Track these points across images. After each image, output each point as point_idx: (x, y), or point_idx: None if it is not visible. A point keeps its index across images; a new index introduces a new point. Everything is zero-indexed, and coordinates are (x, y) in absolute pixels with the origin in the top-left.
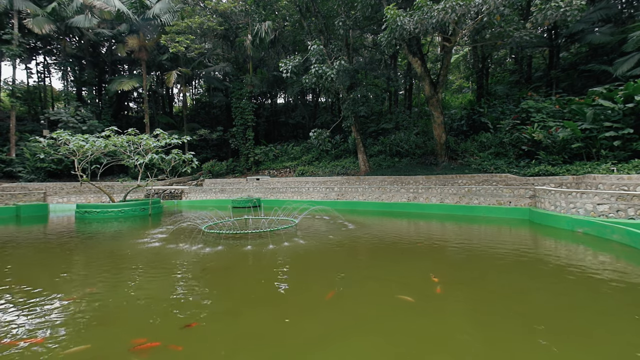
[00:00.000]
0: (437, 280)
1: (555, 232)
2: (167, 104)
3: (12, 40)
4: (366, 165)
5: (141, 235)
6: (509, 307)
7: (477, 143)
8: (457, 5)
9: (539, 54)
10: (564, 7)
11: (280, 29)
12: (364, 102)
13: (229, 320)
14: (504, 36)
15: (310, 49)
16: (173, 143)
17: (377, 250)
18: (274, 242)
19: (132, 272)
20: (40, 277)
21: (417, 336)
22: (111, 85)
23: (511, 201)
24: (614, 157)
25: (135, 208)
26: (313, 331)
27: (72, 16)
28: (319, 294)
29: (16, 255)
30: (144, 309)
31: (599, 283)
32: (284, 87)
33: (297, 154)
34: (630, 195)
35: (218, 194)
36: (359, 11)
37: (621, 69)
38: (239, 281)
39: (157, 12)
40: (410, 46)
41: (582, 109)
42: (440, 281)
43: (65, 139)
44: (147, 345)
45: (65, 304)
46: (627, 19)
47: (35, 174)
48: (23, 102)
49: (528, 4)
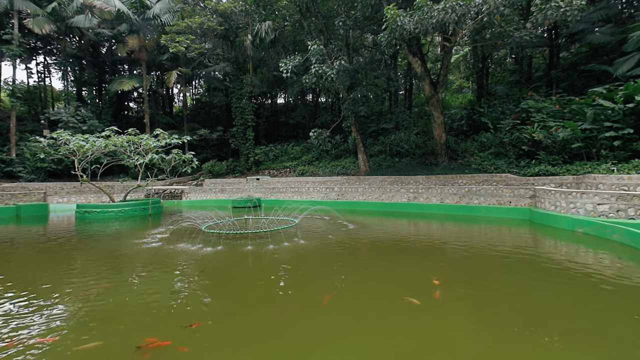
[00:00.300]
0: (437, 282)
1: (556, 232)
2: (167, 104)
3: (13, 40)
4: (366, 165)
5: (141, 235)
6: (509, 307)
7: (477, 143)
8: (457, 5)
9: (539, 54)
10: (564, 7)
11: (280, 29)
12: (364, 102)
13: (229, 321)
14: (504, 36)
15: (310, 49)
16: (173, 143)
17: (377, 250)
18: (274, 242)
19: (132, 273)
20: (42, 277)
21: (417, 336)
22: (111, 85)
23: (511, 201)
24: (614, 157)
25: (136, 208)
26: (313, 331)
27: (72, 16)
28: (318, 294)
29: (18, 254)
30: (144, 309)
31: (600, 283)
32: (284, 87)
33: (297, 154)
34: (630, 195)
35: (218, 194)
36: (359, 11)
37: (621, 69)
38: (239, 281)
39: (157, 12)
40: (410, 46)
41: (582, 109)
42: (441, 281)
43: (65, 139)
44: (156, 344)
45: (72, 302)
46: (627, 19)
47: (35, 174)
48: (23, 102)
49: (528, 4)
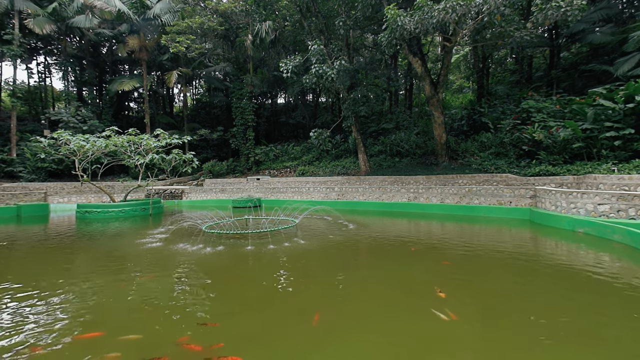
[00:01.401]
0: (443, 295)
1: (556, 232)
2: (167, 104)
3: (13, 40)
4: (366, 165)
5: (142, 235)
6: (510, 307)
7: (478, 143)
8: (458, 5)
9: (540, 53)
10: (564, 7)
11: (280, 29)
12: (364, 102)
13: (228, 321)
14: (504, 36)
15: (311, 49)
16: (173, 143)
17: (377, 250)
18: (275, 242)
19: (132, 272)
20: (43, 277)
21: (417, 336)
22: (112, 86)
23: (512, 201)
24: (614, 157)
25: (136, 208)
26: (313, 331)
27: (72, 16)
28: (318, 294)
29: (20, 254)
30: (140, 311)
31: (601, 283)
32: (284, 87)
33: (297, 154)
34: (631, 195)
35: (218, 194)
36: (360, 11)
37: (622, 68)
38: (238, 281)
39: (158, 12)
40: (410, 46)
41: (583, 109)
42: (441, 281)
43: (66, 139)
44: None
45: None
46: (628, 18)
47: (36, 174)
48: (24, 102)
49: (529, 4)
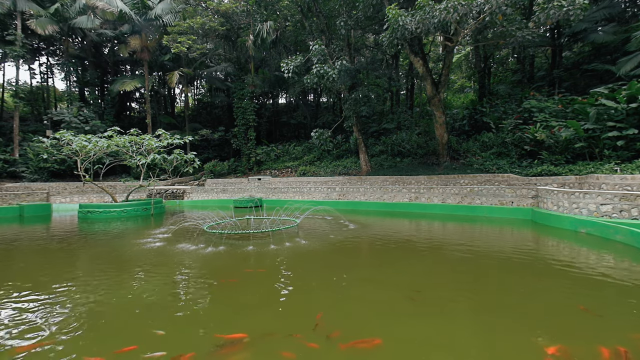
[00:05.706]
0: (440, 285)
1: (558, 233)
2: (169, 104)
3: (16, 41)
4: (368, 165)
5: (144, 235)
6: (510, 307)
7: (479, 143)
8: (459, 5)
9: (542, 53)
10: (566, 6)
11: (281, 29)
12: (365, 102)
13: (228, 321)
14: (506, 36)
15: (312, 49)
16: (175, 143)
17: (378, 250)
18: (276, 242)
19: (133, 273)
20: (44, 277)
21: (417, 336)
22: (113, 86)
23: (513, 201)
24: (617, 157)
25: (138, 208)
26: (313, 331)
27: (74, 17)
28: (318, 295)
29: (23, 255)
30: (134, 313)
31: (602, 283)
32: (285, 87)
33: (298, 154)
34: (633, 195)
35: (220, 194)
36: (361, 11)
37: (624, 68)
38: (238, 281)
39: (159, 12)
40: (412, 46)
41: (585, 108)
42: (441, 281)
43: (68, 139)
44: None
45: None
46: (631, 18)
47: (38, 174)
48: (26, 103)
49: (530, 3)
